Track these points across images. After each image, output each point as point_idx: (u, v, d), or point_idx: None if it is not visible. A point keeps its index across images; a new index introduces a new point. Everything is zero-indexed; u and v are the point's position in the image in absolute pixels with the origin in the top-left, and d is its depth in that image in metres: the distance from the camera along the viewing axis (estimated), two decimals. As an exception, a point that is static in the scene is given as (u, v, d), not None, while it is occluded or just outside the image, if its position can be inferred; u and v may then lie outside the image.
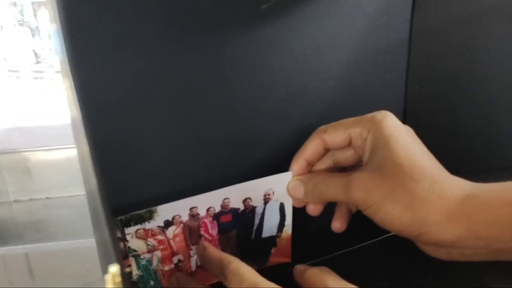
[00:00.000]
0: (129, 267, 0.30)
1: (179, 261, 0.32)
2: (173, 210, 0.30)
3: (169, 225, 0.31)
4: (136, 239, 0.30)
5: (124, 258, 0.30)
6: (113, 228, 0.28)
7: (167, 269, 0.32)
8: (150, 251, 0.31)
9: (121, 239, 0.29)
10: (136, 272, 0.30)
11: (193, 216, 0.31)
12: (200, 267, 0.33)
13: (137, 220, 0.30)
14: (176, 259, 0.32)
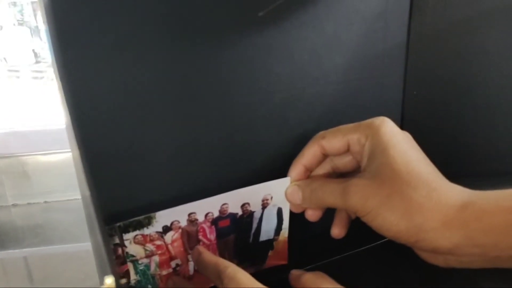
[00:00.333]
0: (126, 273, 0.30)
1: (177, 265, 0.32)
2: (172, 215, 0.31)
3: (168, 230, 0.31)
4: (135, 244, 0.30)
5: (122, 263, 0.30)
6: (106, 237, 0.28)
7: (165, 273, 0.32)
8: (148, 256, 0.31)
9: (119, 245, 0.30)
10: (134, 277, 0.31)
11: (192, 221, 0.32)
12: (198, 271, 0.33)
13: (136, 226, 0.30)
14: (174, 263, 0.32)
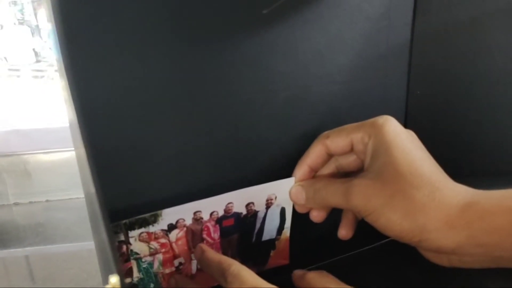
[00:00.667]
0: (129, 271, 0.31)
1: (180, 264, 0.33)
2: (178, 214, 0.31)
3: (173, 228, 0.31)
4: (139, 242, 0.31)
5: (126, 261, 0.30)
6: (111, 235, 0.29)
7: (167, 272, 0.32)
8: (152, 254, 0.31)
9: (124, 242, 0.30)
10: (136, 275, 0.31)
11: (197, 220, 0.32)
12: (200, 270, 0.33)
13: (142, 223, 0.30)
14: (177, 262, 0.33)
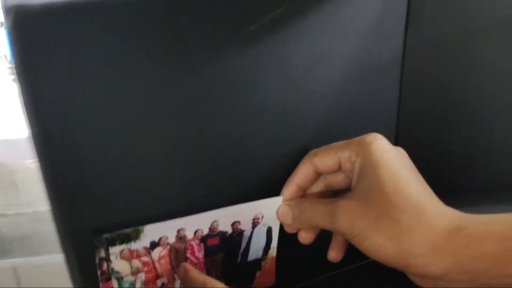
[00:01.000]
0: None
1: (163, 284, 0.32)
2: (161, 230, 0.30)
3: (155, 246, 0.31)
4: (121, 260, 0.30)
5: (107, 279, 0.30)
6: (69, 253, 0.29)
7: None
8: (134, 273, 0.31)
9: (104, 259, 0.29)
10: None
11: (180, 238, 0.31)
12: (184, 290, 0.33)
13: (123, 239, 0.29)
14: (160, 282, 0.32)
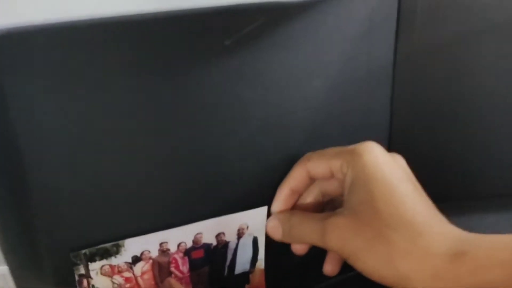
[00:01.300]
0: None
1: (147, 301, 0.32)
2: (142, 244, 0.30)
3: (137, 261, 0.30)
4: (101, 276, 0.30)
5: (87, 297, 0.29)
6: None
7: None
8: None
9: (84, 276, 0.29)
10: None
11: (163, 251, 0.31)
12: (167, 307, 0.32)
13: (103, 254, 0.29)
14: (143, 298, 0.31)
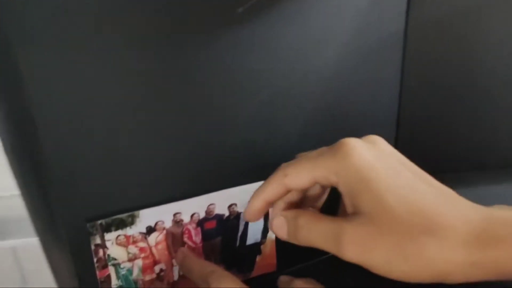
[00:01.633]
0: (107, 278, 0.30)
1: (161, 270, 0.32)
2: (156, 215, 0.30)
3: (151, 231, 0.31)
4: (117, 246, 0.30)
5: (104, 267, 0.30)
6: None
7: (148, 279, 0.32)
8: (131, 259, 0.31)
9: (100, 246, 0.30)
10: (115, 282, 0.31)
11: (177, 222, 0.31)
12: (182, 277, 0.33)
13: (118, 225, 0.30)
14: (158, 268, 0.32)
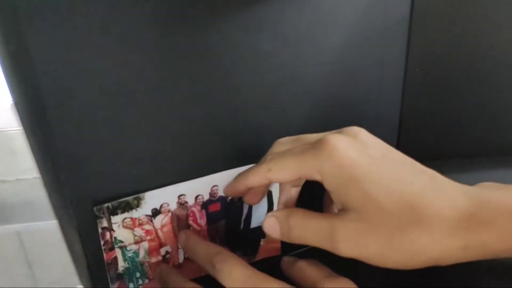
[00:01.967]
0: (114, 260, 0.31)
1: (167, 252, 0.33)
2: (161, 197, 0.31)
3: (157, 214, 0.31)
4: (123, 229, 0.31)
5: (110, 249, 0.31)
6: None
7: (154, 261, 0.33)
8: (137, 242, 0.31)
9: (107, 229, 0.30)
10: (122, 264, 0.31)
11: (182, 204, 0.32)
12: (188, 259, 0.34)
13: (125, 207, 0.30)
14: (163, 250, 0.33)
